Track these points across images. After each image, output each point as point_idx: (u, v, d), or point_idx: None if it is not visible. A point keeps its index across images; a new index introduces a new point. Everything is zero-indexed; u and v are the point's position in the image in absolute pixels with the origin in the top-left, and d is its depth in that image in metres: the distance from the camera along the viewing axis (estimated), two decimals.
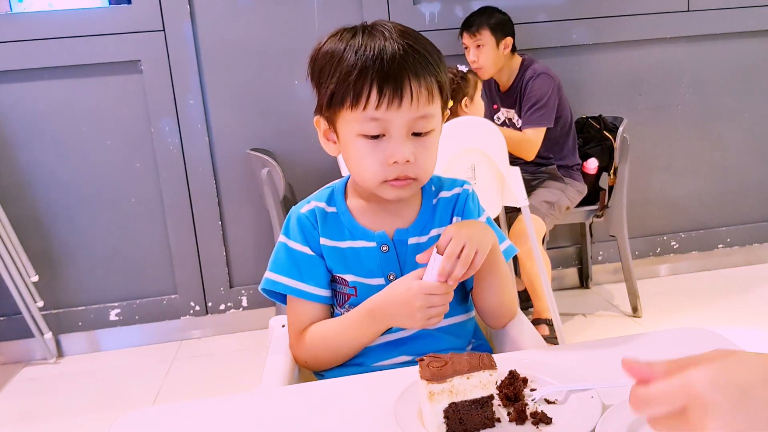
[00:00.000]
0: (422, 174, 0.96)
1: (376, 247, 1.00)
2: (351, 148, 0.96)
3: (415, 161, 0.93)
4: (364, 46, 0.91)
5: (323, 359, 1.01)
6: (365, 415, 0.78)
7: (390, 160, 0.92)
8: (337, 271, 1.01)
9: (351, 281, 1.00)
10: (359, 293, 1.00)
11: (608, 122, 2.67)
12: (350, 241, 1.01)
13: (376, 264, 1.00)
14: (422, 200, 1.04)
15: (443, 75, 0.95)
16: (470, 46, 2.49)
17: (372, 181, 0.95)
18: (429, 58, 0.93)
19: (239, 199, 2.73)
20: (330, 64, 0.94)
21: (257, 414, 0.81)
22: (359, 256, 1.01)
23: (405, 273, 0.99)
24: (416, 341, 1.00)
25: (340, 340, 0.99)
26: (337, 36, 0.96)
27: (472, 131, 1.98)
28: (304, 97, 2.68)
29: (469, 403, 0.72)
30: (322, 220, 1.02)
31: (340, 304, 1.03)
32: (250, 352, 2.62)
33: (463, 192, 1.06)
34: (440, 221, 1.03)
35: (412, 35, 0.94)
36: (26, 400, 2.38)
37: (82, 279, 2.70)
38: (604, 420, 0.69)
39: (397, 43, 0.91)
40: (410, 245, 1.01)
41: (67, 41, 2.51)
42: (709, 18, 2.87)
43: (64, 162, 2.61)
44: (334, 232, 1.02)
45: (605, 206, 2.62)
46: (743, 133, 3.03)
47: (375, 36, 0.92)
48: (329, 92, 0.94)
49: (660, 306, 2.72)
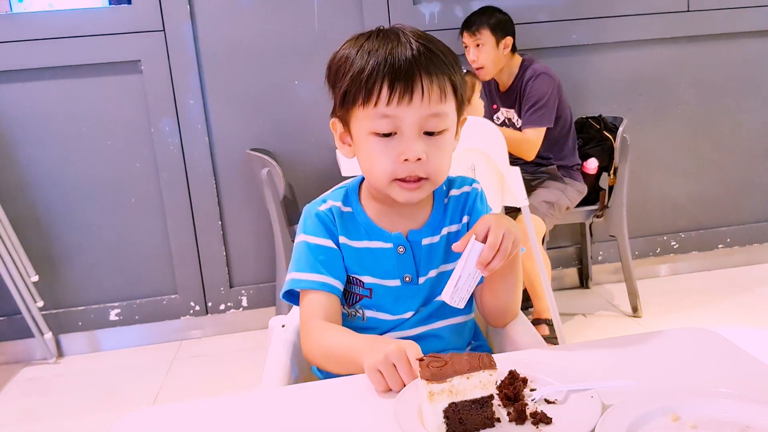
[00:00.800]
0: (434, 173, 0.95)
1: (392, 248, 1.01)
2: (363, 147, 0.96)
3: (427, 160, 0.93)
4: (377, 48, 0.93)
5: (321, 363, 0.99)
6: (365, 415, 0.78)
7: (401, 158, 0.92)
8: (353, 271, 1.01)
9: (368, 282, 1.00)
10: (374, 295, 1.01)
11: (608, 122, 2.67)
12: (367, 241, 1.01)
13: (392, 265, 1.01)
14: (434, 200, 1.05)
15: (458, 76, 0.96)
16: (470, 45, 2.49)
17: (383, 179, 0.95)
18: (442, 58, 0.94)
19: (239, 199, 2.73)
20: (344, 66, 0.95)
21: (257, 414, 0.81)
22: (376, 257, 1.01)
23: (421, 274, 1.00)
24: (416, 341, 1.00)
25: (339, 360, 0.95)
26: (352, 40, 0.98)
27: (472, 131, 1.98)
28: (304, 97, 2.68)
29: (469, 403, 0.72)
30: (340, 219, 1.03)
31: (349, 304, 1.03)
32: (250, 352, 2.62)
33: (472, 191, 1.07)
34: (451, 220, 1.04)
35: (427, 38, 0.96)
36: (26, 400, 2.38)
37: (82, 279, 2.70)
38: (604, 420, 0.69)
39: (410, 44, 0.92)
40: (424, 246, 1.02)
41: (67, 41, 2.51)
42: (709, 18, 2.87)
43: (64, 162, 2.61)
44: (351, 232, 1.02)
45: (605, 206, 2.62)
46: (743, 133, 3.03)
47: (389, 38, 0.94)
48: (342, 92, 0.95)
49: (660, 306, 2.72)
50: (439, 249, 1.03)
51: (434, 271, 1.02)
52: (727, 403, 0.71)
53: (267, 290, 2.79)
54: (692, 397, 0.72)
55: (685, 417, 0.70)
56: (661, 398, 0.72)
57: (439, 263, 1.02)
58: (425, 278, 1.01)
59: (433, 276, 1.02)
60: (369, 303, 1.01)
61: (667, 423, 0.70)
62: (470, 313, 1.08)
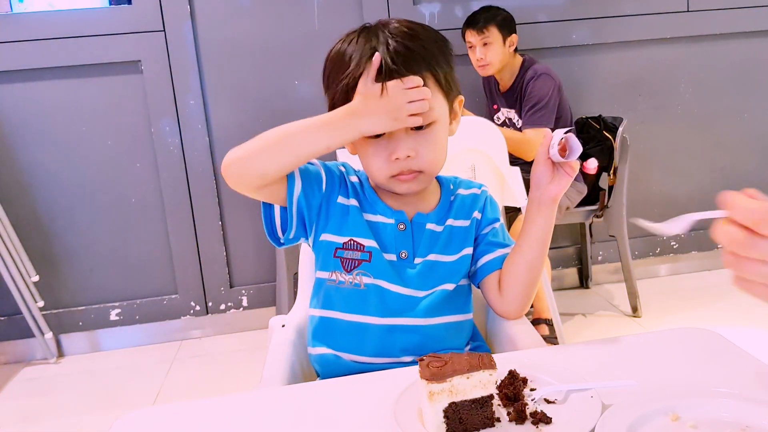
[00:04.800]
0: (428, 166, 0.98)
1: (394, 224, 1.03)
2: (359, 150, 1.01)
3: (417, 155, 0.96)
4: (360, 48, 0.95)
5: (254, 149, 0.94)
6: (365, 415, 0.78)
7: (392, 157, 0.96)
8: (354, 233, 1.01)
9: (368, 246, 1.01)
10: (374, 259, 1.01)
11: (608, 122, 2.66)
12: (371, 214, 1.04)
13: (390, 240, 1.02)
14: (441, 195, 1.08)
15: (443, 67, 0.98)
16: (476, 44, 2.48)
17: (381, 178, 0.99)
18: (421, 53, 0.95)
19: (239, 199, 2.71)
20: (335, 68, 0.98)
21: (257, 414, 0.81)
22: (377, 229, 1.03)
23: (417, 254, 1.02)
24: (414, 337, 1.01)
25: (293, 138, 0.94)
26: (343, 40, 1.00)
27: (472, 131, 1.98)
28: (304, 97, 2.68)
29: (469, 403, 0.72)
30: (351, 185, 1.05)
31: (347, 270, 1.01)
32: (250, 352, 2.62)
33: (482, 193, 1.10)
34: (456, 215, 1.06)
35: (411, 31, 0.97)
36: (26, 400, 2.38)
37: (83, 279, 2.70)
38: (604, 420, 0.69)
39: (390, 42, 0.94)
40: (427, 229, 1.04)
41: (68, 41, 2.51)
42: (709, 18, 2.87)
43: (64, 162, 2.61)
44: (359, 201, 1.04)
45: (605, 206, 2.62)
46: (743, 133, 3.03)
47: (370, 38, 0.96)
48: (334, 98, 0.98)
49: (660, 306, 2.72)
50: (440, 238, 1.04)
51: (432, 255, 1.03)
52: (727, 403, 0.70)
53: (267, 290, 2.79)
54: (692, 397, 0.72)
55: (684, 417, 0.70)
56: (660, 398, 0.72)
57: (437, 251, 1.03)
58: (422, 260, 1.02)
59: (430, 260, 1.02)
60: (368, 267, 1.00)
61: (667, 423, 0.70)
62: (468, 313, 1.08)
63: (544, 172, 0.97)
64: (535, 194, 1.00)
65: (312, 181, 1.02)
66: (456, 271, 1.04)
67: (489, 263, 1.05)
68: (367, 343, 1.00)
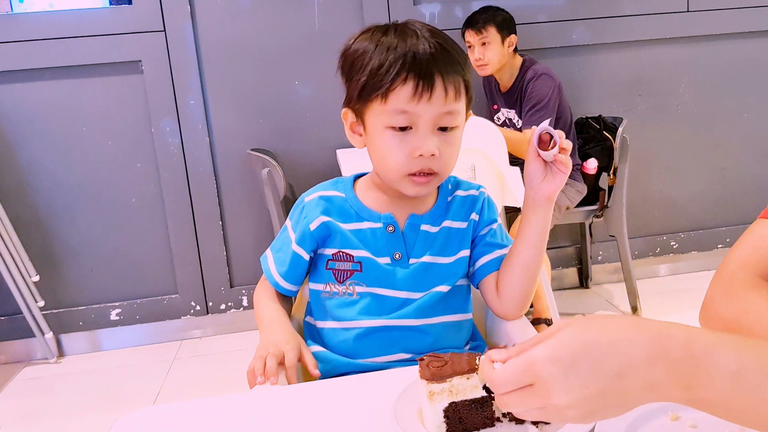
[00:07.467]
0: (444, 169, 0.99)
1: (382, 227, 1.03)
2: (378, 140, 0.98)
3: (440, 156, 0.96)
4: (396, 43, 0.95)
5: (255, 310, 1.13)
6: (365, 415, 0.78)
7: (416, 153, 0.95)
8: (342, 246, 1.03)
9: (357, 256, 1.02)
10: (365, 268, 1.01)
11: (608, 122, 2.67)
12: (356, 223, 1.04)
13: (382, 243, 1.02)
14: (438, 195, 1.08)
15: (469, 75, 0.99)
16: (475, 44, 2.48)
17: (396, 173, 0.98)
18: (457, 58, 0.97)
19: (239, 199, 2.74)
20: (362, 58, 0.97)
21: (257, 414, 0.82)
22: (365, 237, 1.03)
23: (411, 255, 1.03)
24: (413, 336, 1.01)
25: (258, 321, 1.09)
26: (369, 33, 0.99)
27: (472, 131, 1.98)
28: (305, 97, 2.68)
29: (469, 403, 0.72)
30: (328, 203, 1.05)
31: (340, 281, 1.03)
32: (250, 352, 2.59)
33: (480, 194, 1.10)
34: (453, 216, 1.06)
35: (441, 35, 0.98)
36: (27, 400, 2.38)
37: (83, 279, 2.70)
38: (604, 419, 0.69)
39: (429, 42, 0.95)
40: (422, 231, 1.04)
41: (68, 41, 2.51)
42: (709, 18, 2.87)
43: (64, 162, 2.61)
44: (340, 215, 1.04)
45: (605, 206, 2.62)
46: (743, 133, 3.03)
47: (407, 34, 0.96)
48: (360, 85, 0.96)
49: (660, 306, 2.72)
50: (436, 239, 1.04)
51: (427, 257, 1.03)
52: None
53: None
54: None
55: (684, 416, 0.70)
56: None
57: (433, 252, 1.03)
58: (417, 261, 1.02)
59: (425, 262, 1.03)
60: (360, 277, 1.01)
61: (667, 422, 0.70)
62: (467, 313, 1.08)
63: (536, 171, 0.96)
64: (529, 194, 1.00)
65: (300, 267, 1.07)
66: (452, 273, 1.04)
67: (487, 264, 1.05)
68: (364, 344, 1.01)
